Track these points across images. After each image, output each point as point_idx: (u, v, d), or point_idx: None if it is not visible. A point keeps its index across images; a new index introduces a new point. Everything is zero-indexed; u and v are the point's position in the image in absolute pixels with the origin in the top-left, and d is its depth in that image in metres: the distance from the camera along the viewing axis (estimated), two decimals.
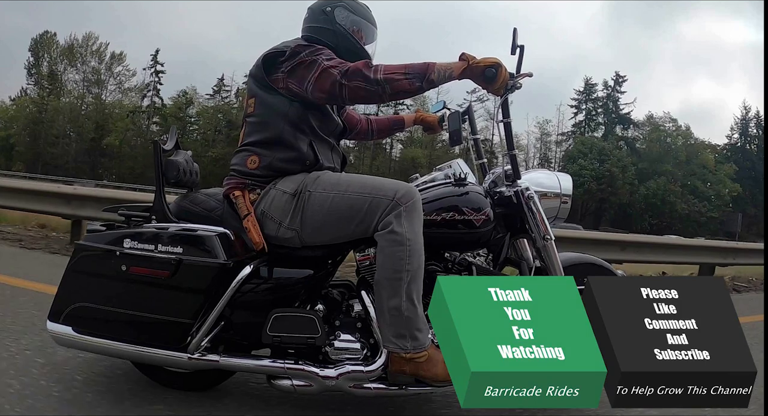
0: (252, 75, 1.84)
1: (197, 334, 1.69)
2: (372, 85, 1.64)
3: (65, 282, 1.74)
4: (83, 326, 1.73)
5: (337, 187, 1.73)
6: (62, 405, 1.73)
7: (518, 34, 1.74)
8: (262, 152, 1.78)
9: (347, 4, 1.89)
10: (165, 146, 1.85)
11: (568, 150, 46.37)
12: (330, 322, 1.79)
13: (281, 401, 1.90)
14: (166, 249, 1.67)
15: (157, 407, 1.79)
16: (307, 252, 1.78)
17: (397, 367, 1.67)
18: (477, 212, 1.79)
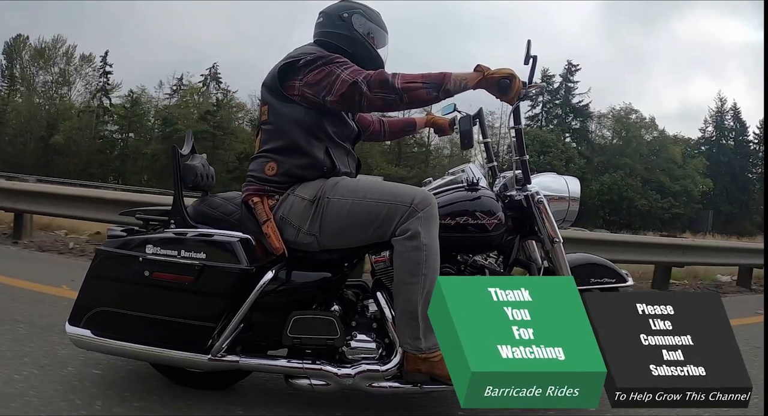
0: (266, 84, 1.86)
1: (219, 337, 1.72)
2: (390, 94, 1.68)
3: (86, 287, 1.75)
4: (104, 329, 1.75)
5: (355, 193, 1.77)
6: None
7: (531, 45, 1.79)
8: (280, 159, 1.81)
9: (363, 11, 1.92)
10: (182, 150, 1.86)
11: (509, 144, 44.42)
12: (346, 323, 1.84)
13: (281, 401, 1.94)
14: (190, 254, 1.69)
15: (176, 406, 1.83)
16: (324, 255, 1.82)
17: (412, 366, 1.73)
18: (489, 216, 1.86)
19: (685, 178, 40.86)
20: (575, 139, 43.70)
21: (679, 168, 41.38)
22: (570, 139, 43.24)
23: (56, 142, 37.91)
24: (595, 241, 5.81)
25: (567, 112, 43.60)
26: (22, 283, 3.41)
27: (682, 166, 41.59)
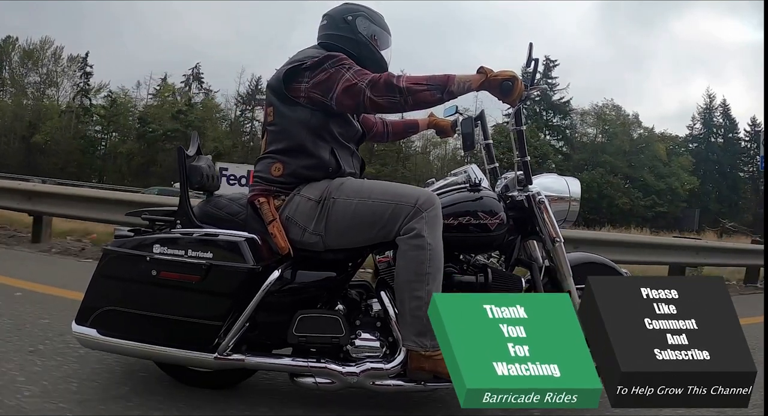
0: (271, 86, 1.88)
1: (225, 336, 1.74)
2: (395, 95, 1.70)
3: (93, 286, 1.77)
4: (110, 329, 1.77)
5: (360, 193, 1.79)
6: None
7: (533, 48, 1.83)
8: (286, 160, 1.83)
9: (367, 14, 1.95)
10: (188, 151, 1.87)
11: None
12: (351, 322, 1.86)
13: (278, 400, 1.96)
14: (197, 254, 1.71)
15: (179, 406, 1.84)
16: (329, 255, 1.84)
17: (416, 364, 1.75)
18: (491, 216, 1.89)
19: (670, 175, 40.30)
20: (555, 135, 43.08)
21: (664, 166, 40.87)
22: (550, 136, 42.74)
23: (36, 141, 38.42)
24: (611, 242, 6.06)
25: (546, 109, 42.76)
26: (40, 287, 3.39)
27: (668, 164, 41.06)
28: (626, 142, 41.51)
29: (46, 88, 42.19)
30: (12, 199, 5.59)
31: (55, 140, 38.94)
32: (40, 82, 42.16)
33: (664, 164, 40.95)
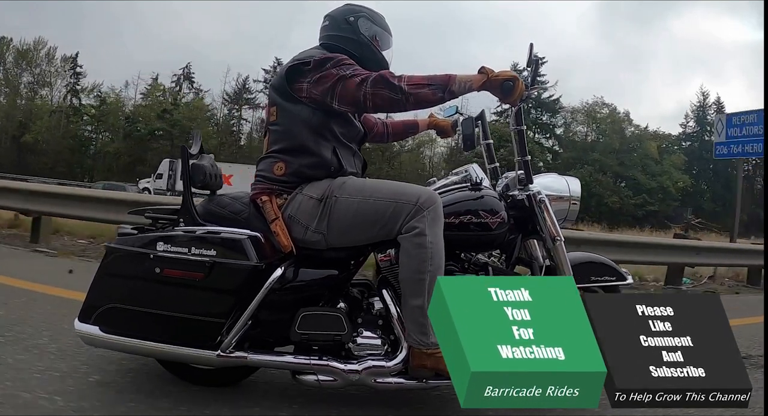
0: (273, 85, 1.90)
1: (228, 333, 1.75)
2: (396, 95, 1.72)
3: (96, 284, 1.77)
4: (113, 326, 1.78)
5: (362, 192, 1.80)
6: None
7: (533, 49, 1.84)
8: (289, 159, 1.84)
9: (368, 14, 1.96)
10: (191, 150, 1.88)
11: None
12: (353, 320, 1.87)
13: (279, 400, 1.96)
14: (200, 251, 1.72)
15: (181, 406, 1.84)
16: (331, 254, 1.86)
17: (418, 362, 1.76)
18: (492, 215, 1.90)
19: (661, 174, 39.99)
20: (543, 133, 42.72)
21: (656, 164, 40.48)
22: (539, 135, 42.32)
23: (26, 141, 38.85)
24: (611, 242, 6.09)
25: (533, 106, 41.92)
26: (40, 287, 3.39)
27: (660, 162, 40.66)
28: (616, 140, 41.25)
29: (40, 88, 42.65)
30: (7, 198, 5.61)
31: (45, 140, 39.39)
32: (33, 82, 42.57)
33: (656, 162, 40.74)
